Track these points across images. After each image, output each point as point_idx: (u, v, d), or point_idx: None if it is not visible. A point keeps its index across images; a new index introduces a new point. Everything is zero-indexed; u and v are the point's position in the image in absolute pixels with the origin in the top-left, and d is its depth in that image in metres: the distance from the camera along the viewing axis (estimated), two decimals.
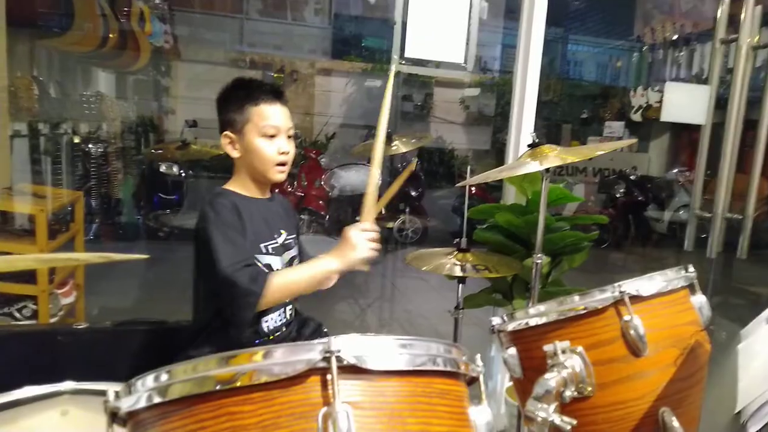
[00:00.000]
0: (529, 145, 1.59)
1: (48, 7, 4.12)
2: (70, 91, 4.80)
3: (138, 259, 0.95)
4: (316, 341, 0.61)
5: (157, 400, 0.62)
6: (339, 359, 0.60)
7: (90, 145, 4.55)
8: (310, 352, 0.60)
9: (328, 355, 0.60)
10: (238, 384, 0.59)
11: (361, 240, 1.29)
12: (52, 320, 2.59)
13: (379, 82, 7.33)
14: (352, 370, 0.61)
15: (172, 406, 0.61)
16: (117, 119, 5.38)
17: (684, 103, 3.42)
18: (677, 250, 6.01)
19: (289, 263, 1.47)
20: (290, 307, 1.49)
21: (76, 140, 4.45)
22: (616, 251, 5.90)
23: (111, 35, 4.34)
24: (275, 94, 1.42)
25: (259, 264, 1.34)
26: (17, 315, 2.54)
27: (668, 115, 3.56)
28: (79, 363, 1.62)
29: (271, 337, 1.42)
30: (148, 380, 0.63)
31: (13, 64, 3.16)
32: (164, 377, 0.62)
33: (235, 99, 1.40)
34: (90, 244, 3.94)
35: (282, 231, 1.46)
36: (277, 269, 1.38)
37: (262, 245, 1.38)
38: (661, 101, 7.09)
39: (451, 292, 1.91)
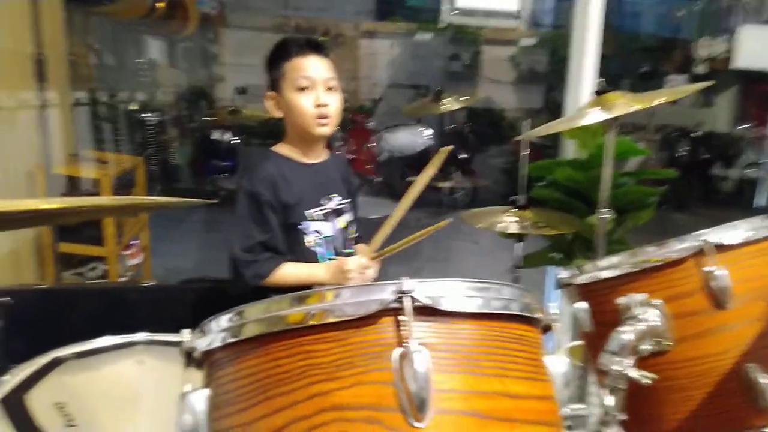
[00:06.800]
0: (596, 92, 1.50)
1: None
2: (125, 60, 4.91)
3: (207, 203, 0.96)
4: (388, 282, 0.59)
5: (230, 340, 0.62)
6: (413, 300, 0.58)
7: (146, 113, 4.68)
8: (382, 293, 0.59)
9: (401, 295, 0.58)
10: (311, 323, 0.58)
11: (351, 274, 1.31)
12: (121, 280, 2.72)
13: (427, 36, 7.09)
14: (425, 312, 0.59)
15: (247, 344, 0.61)
16: (170, 87, 5.48)
17: (760, 48, 3.13)
18: (744, 210, 5.66)
19: (345, 228, 1.45)
20: None
21: (133, 107, 4.57)
22: (678, 212, 5.61)
23: (160, 2, 4.38)
24: (310, 46, 1.38)
25: (306, 232, 1.37)
26: (88, 275, 2.68)
27: (741, 60, 3.27)
28: (148, 318, 1.69)
29: None
30: (222, 321, 0.63)
31: (71, 34, 3.24)
32: (236, 318, 0.62)
33: (273, 58, 1.40)
34: None
35: (334, 195, 1.43)
36: (328, 236, 1.40)
37: (306, 212, 1.38)
38: (728, 51, 6.58)
39: (505, 253, 1.86)
